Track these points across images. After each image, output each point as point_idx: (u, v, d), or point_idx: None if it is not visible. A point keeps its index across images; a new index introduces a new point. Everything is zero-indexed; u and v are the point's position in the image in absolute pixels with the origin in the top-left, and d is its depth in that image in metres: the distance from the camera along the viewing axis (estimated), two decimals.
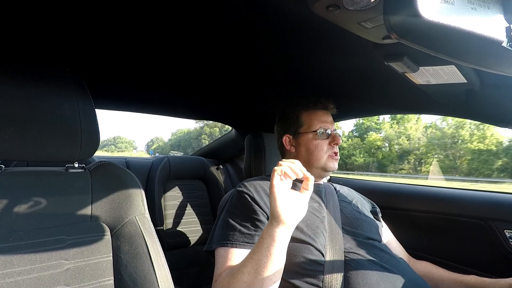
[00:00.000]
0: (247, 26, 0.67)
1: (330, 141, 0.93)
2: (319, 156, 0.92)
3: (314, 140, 0.93)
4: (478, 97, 0.83)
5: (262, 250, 0.61)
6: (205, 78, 1.04)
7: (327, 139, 0.93)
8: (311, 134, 0.94)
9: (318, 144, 0.93)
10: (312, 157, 0.93)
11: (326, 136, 0.93)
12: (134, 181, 0.72)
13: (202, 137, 37.99)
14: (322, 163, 0.92)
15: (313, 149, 0.93)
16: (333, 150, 0.93)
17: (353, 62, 0.81)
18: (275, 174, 0.61)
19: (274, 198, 0.60)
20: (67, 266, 0.57)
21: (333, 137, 0.94)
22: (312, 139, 0.93)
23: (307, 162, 0.94)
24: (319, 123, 0.94)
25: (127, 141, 55.23)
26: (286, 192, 0.62)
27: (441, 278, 0.89)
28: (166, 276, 0.62)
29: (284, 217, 0.60)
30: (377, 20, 0.51)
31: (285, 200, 0.61)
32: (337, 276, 0.70)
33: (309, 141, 0.94)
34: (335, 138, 0.93)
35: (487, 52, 0.40)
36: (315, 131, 0.93)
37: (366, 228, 0.85)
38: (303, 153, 0.95)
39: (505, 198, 1.04)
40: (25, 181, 0.62)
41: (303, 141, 0.95)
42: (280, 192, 0.61)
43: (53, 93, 0.64)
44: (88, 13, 0.63)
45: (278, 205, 0.60)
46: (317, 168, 0.93)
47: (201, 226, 1.53)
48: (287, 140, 1.00)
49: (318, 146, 0.92)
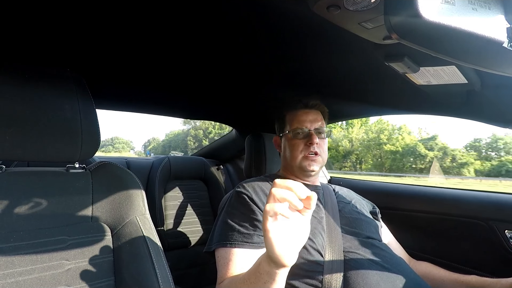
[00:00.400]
0: (247, 26, 0.66)
1: (307, 140, 0.91)
2: (294, 156, 0.92)
3: (292, 140, 0.93)
4: (479, 97, 0.83)
5: (259, 285, 0.54)
6: (205, 78, 1.04)
7: (304, 139, 0.92)
8: (290, 134, 0.94)
9: (295, 144, 0.92)
10: (289, 157, 0.93)
11: (302, 136, 0.92)
12: (135, 181, 0.72)
13: (188, 139, 41.33)
14: (298, 163, 0.91)
15: (290, 149, 0.93)
16: (309, 149, 0.90)
17: (354, 63, 0.81)
18: (267, 217, 0.46)
19: (271, 244, 0.46)
20: (68, 266, 0.57)
21: (309, 137, 0.91)
22: (290, 139, 0.94)
23: (288, 163, 0.95)
24: (296, 123, 0.94)
25: (124, 141, 55.36)
26: (284, 230, 0.47)
27: (441, 279, 0.89)
28: (167, 276, 0.62)
29: (286, 260, 0.48)
30: (378, 21, 0.51)
31: (284, 241, 0.47)
32: (337, 276, 0.70)
33: (287, 141, 0.95)
34: (310, 138, 0.90)
35: (488, 53, 0.39)
36: (290, 131, 0.94)
37: (366, 227, 0.85)
38: (286, 154, 0.96)
39: (505, 199, 1.04)
40: (25, 182, 0.62)
41: (285, 142, 0.97)
42: (276, 236, 0.46)
43: (53, 93, 0.64)
44: (88, 13, 0.63)
45: (277, 250, 0.47)
46: (296, 168, 0.93)
47: (202, 226, 1.52)
48: (277, 141, 1.03)
49: (294, 146, 0.92)
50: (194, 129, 40.94)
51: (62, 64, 0.90)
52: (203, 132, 38.79)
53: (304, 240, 0.50)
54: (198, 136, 39.79)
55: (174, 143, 44.63)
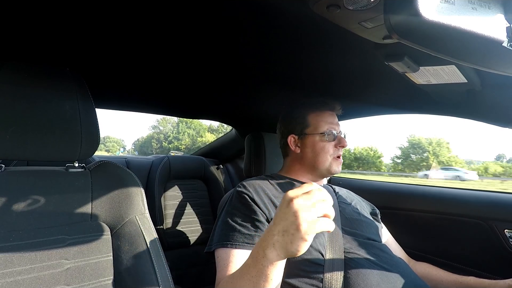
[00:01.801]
0: (247, 26, 0.66)
1: (336, 143, 0.93)
2: (325, 159, 0.92)
3: (321, 142, 0.92)
4: (479, 97, 0.83)
5: (263, 273, 0.54)
6: (205, 77, 1.04)
7: (333, 141, 0.93)
8: (318, 136, 0.93)
9: (325, 146, 0.92)
10: (317, 159, 0.92)
11: (332, 138, 0.92)
12: (134, 180, 0.72)
13: (152, 141, 48.88)
14: (327, 166, 0.92)
15: (319, 151, 0.92)
16: (338, 152, 0.93)
17: (353, 62, 0.81)
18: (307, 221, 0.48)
19: (306, 246, 0.49)
20: (67, 265, 0.57)
21: (339, 140, 0.93)
22: (318, 141, 0.93)
23: (312, 164, 0.93)
24: (326, 124, 0.93)
25: (115, 140, 57.09)
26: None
27: (440, 279, 0.89)
28: (166, 275, 0.62)
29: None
30: (378, 20, 0.51)
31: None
32: (337, 276, 0.70)
33: (315, 143, 0.93)
34: (341, 141, 0.93)
35: (488, 52, 0.39)
36: (323, 133, 0.92)
37: (366, 228, 0.85)
38: (308, 155, 0.94)
39: (505, 198, 1.04)
40: (25, 181, 0.62)
41: (309, 142, 0.94)
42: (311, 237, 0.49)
43: (53, 92, 0.64)
44: (88, 12, 0.63)
45: (304, 249, 0.49)
46: (322, 170, 0.93)
47: (201, 226, 1.53)
48: (292, 140, 0.98)
49: (324, 148, 0.92)
50: (157, 134, 49.83)
51: (62, 64, 0.89)
52: (164, 136, 48.17)
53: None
54: (160, 139, 48.08)
55: (148, 143, 50.68)
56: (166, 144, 45.53)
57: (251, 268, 0.55)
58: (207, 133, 43.99)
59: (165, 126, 49.13)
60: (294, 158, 0.99)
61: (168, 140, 45.37)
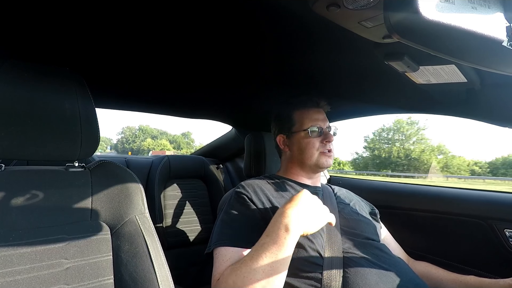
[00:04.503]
0: (247, 25, 0.66)
1: (322, 138, 0.93)
2: (311, 153, 0.92)
3: (306, 138, 0.93)
4: (478, 96, 0.83)
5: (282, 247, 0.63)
6: (205, 77, 1.04)
7: (319, 137, 0.93)
8: (303, 133, 0.94)
9: (309, 142, 0.93)
10: (304, 155, 0.93)
11: (317, 134, 0.93)
12: (134, 180, 0.72)
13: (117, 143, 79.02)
14: (314, 160, 0.93)
15: (304, 147, 0.93)
16: (325, 147, 0.93)
17: (354, 62, 0.81)
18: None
19: (319, 226, 0.68)
20: (67, 265, 0.57)
21: (325, 135, 0.94)
22: (303, 138, 0.94)
23: (300, 160, 0.94)
24: (310, 121, 0.94)
25: (103, 139, 71.20)
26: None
27: (440, 279, 0.89)
28: (166, 275, 0.62)
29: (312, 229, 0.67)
30: (377, 19, 0.51)
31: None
32: (336, 276, 0.70)
33: (301, 140, 0.94)
34: (327, 136, 0.94)
35: (487, 51, 0.39)
36: (306, 130, 0.93)
37: (365, 228, 0.85)
38: (295, 152, 0.96)
39: (505, 198, 1.04)
40: (25, 180, 0.62)
41: (296, 140, 0.96)
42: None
43: (53, 92, 0.64)
44: (88, 12, 0.63)
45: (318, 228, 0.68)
46: (310, 165, 0.94)
47: (201, 225, 1.53)
48: (281, 140, 1.01)
49: (309, 144, 0.93)
50: (121, 138, 78.24)
51: (62, 63, 0.89)
52: (125, 139, 76.64)
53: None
54: (123, 141, 75.95)
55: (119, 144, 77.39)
56: (127, 145, 73.97)
57: (271, 245, 0.62)
58: (148, 139, 71.53)
59: (126, 133, 77.85)
60: (286, 158, 1.01)
61: (128, 142, 74.76)
